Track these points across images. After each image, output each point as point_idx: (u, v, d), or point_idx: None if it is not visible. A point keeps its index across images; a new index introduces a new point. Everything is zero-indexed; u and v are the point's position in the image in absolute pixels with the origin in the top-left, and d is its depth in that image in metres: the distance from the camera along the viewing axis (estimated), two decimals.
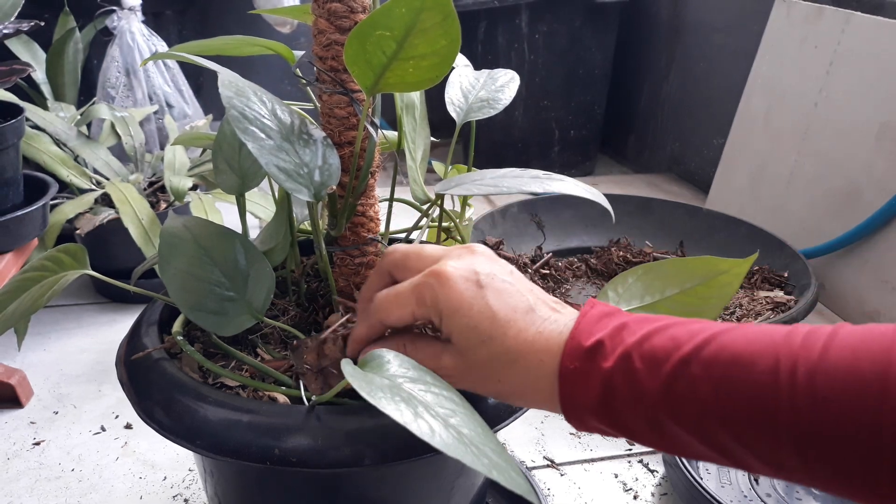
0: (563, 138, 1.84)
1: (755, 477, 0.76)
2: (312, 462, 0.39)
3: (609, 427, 0.36)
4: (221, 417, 0.41)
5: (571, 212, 1.35)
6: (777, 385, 0.31)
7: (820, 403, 0.30)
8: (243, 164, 0.49)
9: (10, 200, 0.88)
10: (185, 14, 1.69)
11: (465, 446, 0.31)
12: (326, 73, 0.46)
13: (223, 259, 0.45)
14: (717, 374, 0.33)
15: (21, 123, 0.87)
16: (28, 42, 1.30)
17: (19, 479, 0.78)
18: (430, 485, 0.48)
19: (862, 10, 1.19)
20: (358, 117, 0.47)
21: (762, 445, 0.32)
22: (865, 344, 0.31)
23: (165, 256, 0.44)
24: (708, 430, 0.33)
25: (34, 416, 0.88)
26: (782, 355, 0.32)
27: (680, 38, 1.79)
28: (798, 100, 1.29)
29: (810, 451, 0.31)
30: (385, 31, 0.37)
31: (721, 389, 0.33)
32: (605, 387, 0.35)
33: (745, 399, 0.32)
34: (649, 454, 0.84)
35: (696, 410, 0.33)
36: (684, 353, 0.34)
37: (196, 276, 0.44)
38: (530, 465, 0.82)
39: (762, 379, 0.32)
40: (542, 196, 1.40)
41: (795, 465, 0.31)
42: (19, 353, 1.00)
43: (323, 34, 0.45)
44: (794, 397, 0.31)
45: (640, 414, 0.35)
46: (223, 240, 0.45)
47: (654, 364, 0.34)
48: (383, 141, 0.58)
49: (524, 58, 1.72)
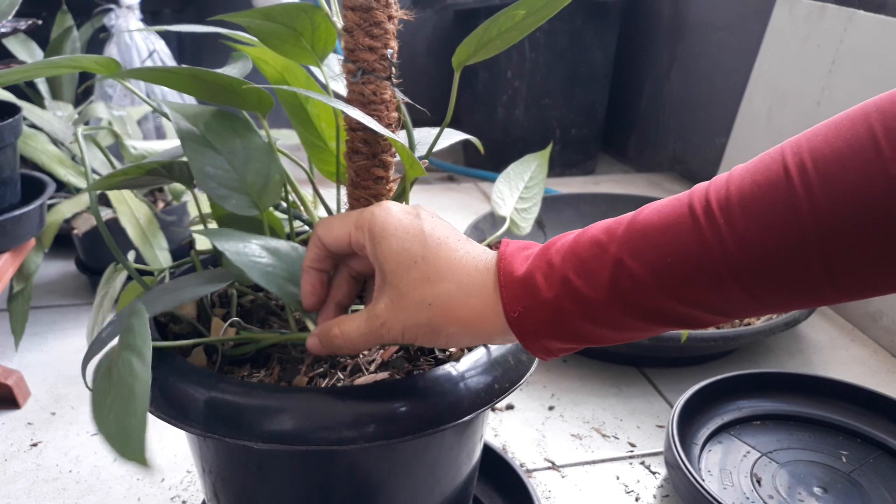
0: (564, 137, 1.83)
1: (758, 478, 0.76)
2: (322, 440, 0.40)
3: (568, 343, 0.38)
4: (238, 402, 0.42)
5: (572, 210, 1.34)
6: (701, 233, 0.33)
7: (742, 229, 0.32)
8: (247, 177, 0.46)
9: (7, 200, 0.87)
10: (182, 12, 1.69)
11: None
12: (379, 63, 0.46)
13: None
14: (650, 257, 0.34)
15: (18, 122, 0.86)
16: (26, 41, 1.29)
17: (16, 480, 0.77)
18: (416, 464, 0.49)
19: (864, 8, 1.18)
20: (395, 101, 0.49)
21: (711, 296, 0.34)
22: (757, 164, 0.33)
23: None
24: (662, 308, 0.35)
25: (31, 418, 0.87)
26: (696, 205, 0.33)
27: (681, 36, 1.78)
28: (800, 98, 1.28)
29: (749, 277, 0.32)
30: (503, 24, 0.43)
31: (657, 267, 0.34)
32: (555, 312, 0.36)
33: (682, 262, 0.33)
34: (651, 456, 0.83)
35: (645, 296, 0.35)
36: (611, 253, 0.35)
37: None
38: (531, 468, 0.81)
39: (687, 235, 0.33)
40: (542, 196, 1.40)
41: (742, 299, 0.33)
42: (16, 354, 0.99)
43: (379, 25, 0.45)
44: (720, 236, 0.32)
45: (594, 322, 0.36)
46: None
47: (591, 275, 0.35)
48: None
49: (525, 56, 1.72)
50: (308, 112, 0.52)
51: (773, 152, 0.33)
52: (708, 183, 0.34)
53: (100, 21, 1.33)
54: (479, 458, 0.55)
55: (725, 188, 0.33)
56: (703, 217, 0.33)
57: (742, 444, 0.81)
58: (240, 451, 0.46)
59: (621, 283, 0.35)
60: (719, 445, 0.81)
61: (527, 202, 0.62)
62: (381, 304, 0.40)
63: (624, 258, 0.35)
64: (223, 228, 0.45)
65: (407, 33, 0.49)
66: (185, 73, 0.43)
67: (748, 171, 0.33)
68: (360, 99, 0.46)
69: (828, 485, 0.76)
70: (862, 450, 0.81)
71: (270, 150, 0.46)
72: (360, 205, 0.50)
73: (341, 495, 0.47)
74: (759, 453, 0.80)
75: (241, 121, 0.46)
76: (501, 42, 0.45)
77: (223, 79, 0.43)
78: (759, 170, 0.33)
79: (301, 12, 0.44)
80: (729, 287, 0.33)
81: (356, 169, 0.49)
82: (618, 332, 0.37)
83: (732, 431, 0.83)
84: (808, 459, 0.79)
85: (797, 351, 1.06)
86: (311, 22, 0.45)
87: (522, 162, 0.65)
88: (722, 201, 0.33)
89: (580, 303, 0.36)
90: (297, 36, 0.46)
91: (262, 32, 0.45)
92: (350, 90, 0.47)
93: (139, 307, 0.37)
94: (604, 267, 0.35)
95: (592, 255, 0.36)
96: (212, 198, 0.43)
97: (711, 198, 0.33)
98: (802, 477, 0.77)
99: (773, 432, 0.83)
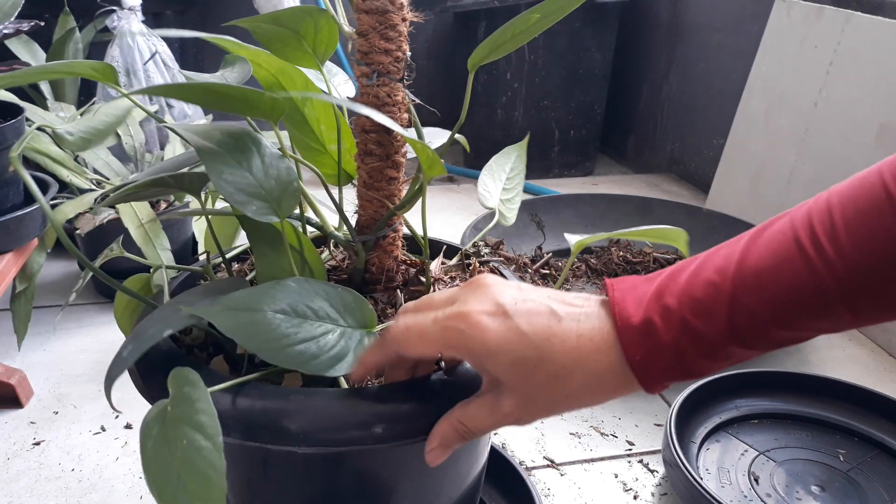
0: (562, 138, 1.84)
1: (755, 477, 0.77)
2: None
3: (685, 378, 0.38)
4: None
5: (571, 211, 1.35)
6: (811, 265, 0.34)
7: (851, 255, 0.33)
8: (265, 184, 0.44)
9: (10, 200, 0.88)
10: (185, 14, 1.69)
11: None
12: (394, 65, 0.46)
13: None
14: (765, 294, 0.35)
15: (21, 123, 0.87)
16: (28, 42, 1.29)
17: (19, 479, 0.78)
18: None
19: (862, 10, 1.19)
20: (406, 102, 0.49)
21: (821, 322, 0.35)
22: (857, 189, 0.34)
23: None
24: (772, 338, 0.36)
25: (34, 416, 0.88)
26: (802, 237, 0.35)
27: (680, 38, 1.79)
28: (798, 100, 1.29)
29: (856, 300, 0.34)
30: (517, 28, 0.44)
31: (773, 303, 0.35)
32: (675, 354, 0.37)
33: (796, 295, 0.34)
34: (650, 454, 0.84)
35: (761, 331, 0.36)
36: (727, 292, 0.36)
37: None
38: (530, 465, 0.82)
39: (799, 269, 0.34)
40: (541, 196, 1.41)
41: (847, 318, 0.35)
42: (19, 353, 1.00)
43: (394, 28, 0.46)
44: (831, 266, 0.34)
45: (711, 358, 0.37)
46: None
47: (707, 314, 0.36)
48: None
49: (524, 58, 1.72)
50: (305, 115, 0.52)
51: (870, 175, 0.35)
52: (808, 209, 0.36)
53: (102, 22, 1.33)
54: (485, 462, 0.55)
55: (829, 215, 0.34)
56: (811, 250, 0.34)
57: (740, 443, 0.82)
58: (249, 450, 0.46)
59: (738, 321, 0.36)
60: (717, 444, 0.82)
61: (510, 192, 0.63)
62: (507, 403, 0.39)
63: (739, 297, 0.36)
64: (219, 298, 0.41)
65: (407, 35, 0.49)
66: (198, 87, 0.43)
67: (849, 197, 0.34)
68: (374, 101, 0.47)
69: (825, 483, 0.76)
70: (859, 448, 0.81)
71: (284, 157, 0.47)
72: (372, 206, 0.51)
73: (350, 496, 0.47)
74: (757, 452, 0.80)
75: (250, 133, 0.46)
76: (513, 44, 0.45)
77: (235, 90, 0.43)
78: (860, 195, 0.34)
79: (307, 16, 0.44)
80: (839, 311, 0.34)
81: (369, 171, 0.49)
82: (728, 361, 0.38)
83: (730, 430, 0.84)
84: (806, 458, 0.80)
85: (795, 350, 1.07)
86: (314, 25, 0.45)
87: (503, 154, 0.65)
88: (828, 231, 0.34)
89: (698, 341, 0.36)
90: (298, 39, 0.46)
91: (266, 36, 0.45)
92: (363, 93, 0.47)
93: (194, 376, 0.36)
94: (720, 306, 0.36)
95: (708, 294, 0.36)
96: (231, 204, 0.43)
97: (817, 229, 0.34)
98: (800, 475, 0.77)
99: (771, 431, 0.84)
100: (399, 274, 0.54)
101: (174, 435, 0.34)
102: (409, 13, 0.46)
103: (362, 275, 0.53)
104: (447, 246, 0.60)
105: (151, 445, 0.35)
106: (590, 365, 0.38)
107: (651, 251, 1.21)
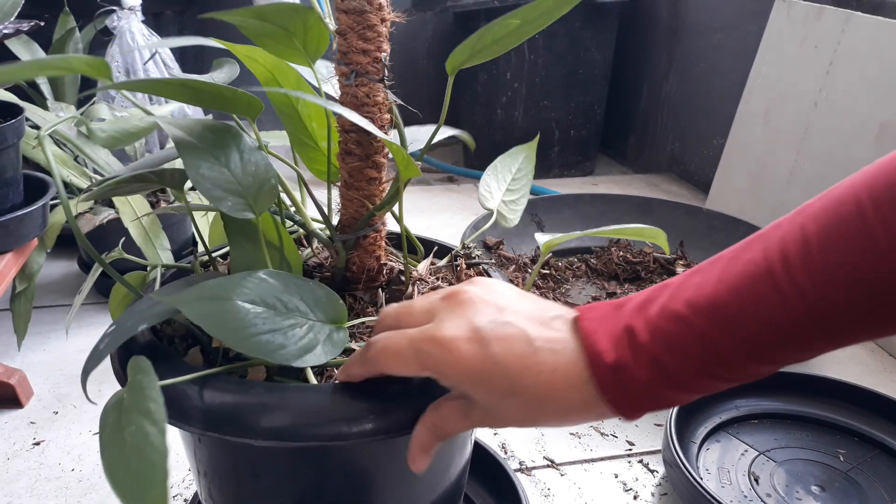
0: (562, 138, 1.84)
1: (755, 477, 0.77)
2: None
3: (662, 408, 0.38)
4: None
5: (571, 211, 1.35)
6: (786, 300, 0.33)
7: (828, 291, 0.32)
8: (242, 180, 0.45)
9: (9, 200, 0.88)
10: (184, 14, 1.69)
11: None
12: (372, 65, 0.46)
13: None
14: (741, 332, 0.34)
15: (21, 123, 0.87)
16: (28, 42, 1.29)
17: (19, 479, 0.78)
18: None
19: (862, 9, 1.19)
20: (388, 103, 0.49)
21: (798, 354, 0.34)
22: (831, 218, 0.33)
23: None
24: (749, 372, 0.36)
25: (34, 416, 0.88)
26: (777, 269, 0.34)
27: (680, 37, 1.79)
28: (798, 100, 1.29)
29: (835, 336, 0.33)
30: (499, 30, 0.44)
31: (749, 340, 0.34)
32: (649, 391, 0.36)
33: (771, 330, 0.34)
34: (650, 454, 0.84)
35: (734, 365, 0.35)
36: (699, 328, 0.35)
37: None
38: (530, 465, 0.82)
39: (773, 304, 0.33)
40: (541, 196, 1.41)
41: (825, 349, 0.34)
42: (19, 353, 1.00)
43: (372, 28, 0.46)
44: (807, 301, 0.33)
45: (687, 391, 0.37)
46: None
47: (680, 351, 0.36)
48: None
49: (524, 58, 1.72)
50: (298, 112, 0.52)
51: (844, 198, 0.33)
52: (782, 237, 0.34)
53: (102, 22, 1.33)
54: (471, 451, 0.55)
55: (804, 246, 0.33)
56: (787, 285, 0.33)
57: (740, 443, 0.82)
58: (234, 449, 0.47)
59: (712, 359, 0.35)
60: (717, 444, 0.82)
61: (514, 194, 0.63)
62: (477, 414, 0.40)
63: (712, 335, 0.35)
64: (193, 287, 0.41)
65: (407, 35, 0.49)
66: (175, 82, 0.43)
67: (824, 226, 0.33)
68: (353, 101, 0.47)
69: (825, 483, 0.76)
70: (859, 449, 0.81)
71: (264, 154, 0.47)
72: (353, 206, 0.51)
73: (335, 492, 0.47)
74: (757, 452, 0.80)
75: (232, 129, 0.46)
76: (499, 47, 0.45)
77: (211, 86, 0.43)
78: (836, 223, 0.33)
79: (294, 13, 0.44)
80: (816, 344, 0.34)
81: (349, 170, 0.49)
82: (707, 391, 0.37)
83: (730, 430, 0.84)
84: (806, 458, 0.80)
85: None
86: (303, 22, 0.45)
87: (510, 154, 0.65)
88: (804, 265, 0.33)
89: (672, 378, 0.36)
90: (289, 36, 0.46)
91: (254, 32, 0.45)
92: (343, 92, 0.47)
93: (146, 364, 0.36)
94: (693, 344, 0.35)
95: (679, 331, 0.36)
96: (207, 199, 0.43)
97: (792, 261, 0.33)
98: (800, 475, 0.77)
99: (771, 431, 0.84)
100: (382, 273, 0.54)
101: (126, 421, 0.35)
102: (389, 13, 0.45)
103: (343, 273, 0.53)
104: (439, 246, 0.60)
105: (108, 432, 0.35)
106: (561, 400, 0.38)
107: (651, 251, 1.21)
